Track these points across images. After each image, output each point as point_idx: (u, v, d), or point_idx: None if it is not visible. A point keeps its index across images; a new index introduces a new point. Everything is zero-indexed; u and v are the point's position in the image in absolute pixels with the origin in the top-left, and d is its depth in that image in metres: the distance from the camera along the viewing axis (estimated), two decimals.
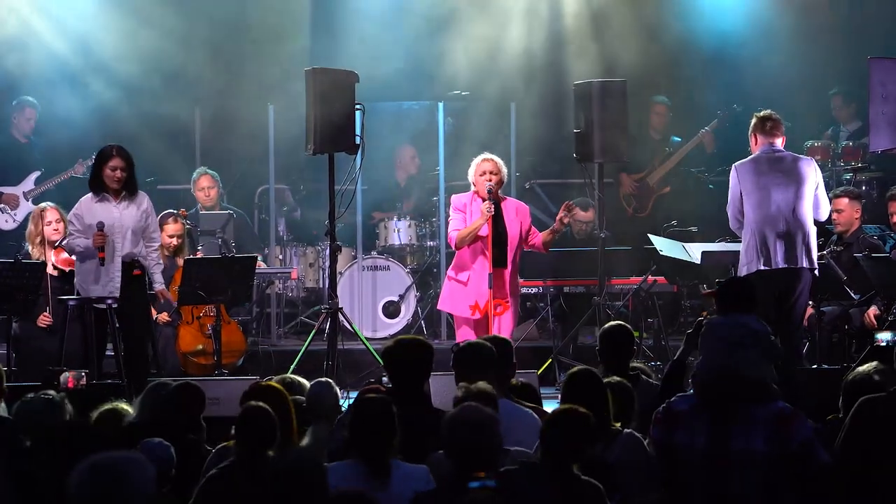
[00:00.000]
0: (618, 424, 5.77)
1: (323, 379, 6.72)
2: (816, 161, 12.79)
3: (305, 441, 6.23)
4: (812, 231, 9.32)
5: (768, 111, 9.60)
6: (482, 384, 5.89)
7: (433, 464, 5.37)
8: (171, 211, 11.07)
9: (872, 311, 10.03)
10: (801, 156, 9.57)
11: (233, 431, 5.50)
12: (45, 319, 10.09)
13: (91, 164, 10.00)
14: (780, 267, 9.19)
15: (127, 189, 9.60)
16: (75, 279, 9.60)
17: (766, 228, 9.23)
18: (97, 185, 9.56)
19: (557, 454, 5.05)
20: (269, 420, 5.46)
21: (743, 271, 9.35)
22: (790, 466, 5.08)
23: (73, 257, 9.67)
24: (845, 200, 10.81)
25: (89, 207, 9.55)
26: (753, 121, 9.53)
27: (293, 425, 5.85)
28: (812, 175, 9.37)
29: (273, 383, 6.20)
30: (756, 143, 9.45)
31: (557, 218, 9.85)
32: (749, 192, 9.28)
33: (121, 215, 9.52)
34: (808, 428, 5.20)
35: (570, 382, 5.89)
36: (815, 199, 9.35)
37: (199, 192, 12.02)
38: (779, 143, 9.43)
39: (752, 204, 9.27)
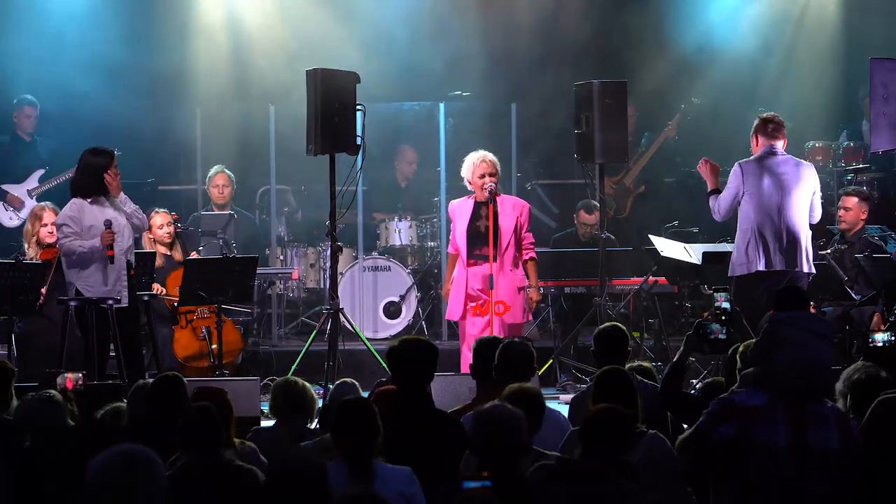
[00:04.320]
0: (643, 426, 5.73)
1: (348, 380, 6.73)
2: (817, 161, 12.91)
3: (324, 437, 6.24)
4: (809, 234, 9.35)
5: (771, 113, 9.61)
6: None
7: None
8: (154, 209, 11.00)
9: (878, 316, 10.02)
10: (801, 160, 9.59)
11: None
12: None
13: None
14: (779, 269, 9.19)
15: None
16: (75, 282, 9.53)
17: (767, 230, 9.23)
18: (94, 188, 9.55)
19: (598, 455, 5.01)
20: (213, 418, 5.45)
21: (738, 271, 9.35)
22: (853, 464, 5.10)
23: (73, 257, 9.57)
24: (854, 199, 10.83)
25: (84, 209, 9.51)
26: (756, 122, 9.53)
27: (231, 427, 5.85)
28: (812, 180, 9.42)
29: (216, 387, 6.17)
30: (757, 145, 9.45)
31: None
32: (751, 192, 9.29)
33: (116, 216, 9.53)
34: (857, 426, 5.22)
35: (601, 381, 5.83)
36: (811, 203, 9.38)
37: (214, 188, 12.08)
38: (780, 145, 9.44)
39: (753, 205, 9.28)
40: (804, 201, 9.34)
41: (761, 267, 9.21)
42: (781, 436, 5.06)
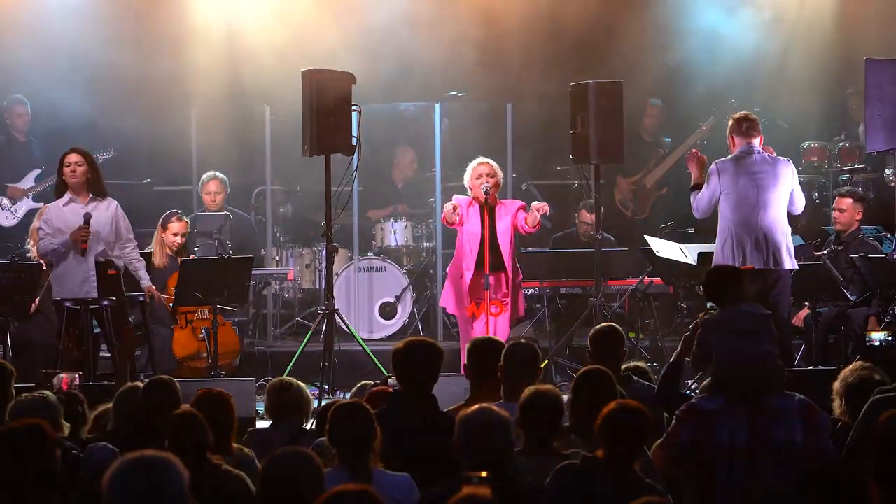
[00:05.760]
0: None
1: (368, 382, 6.72)
2: (813, 162, 12.92)
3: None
4: (788, 231, 9.35)
5: (744, 112, 9.64)
6: None
7: None
8: (175, 210, 11.07)
9: (874, 319, 10.03)
10: (778, 157, 9.58)
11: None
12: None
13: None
14: (757, 267, 9.20)
15: (93, 191, 9.65)
16: (51, 281, 9.65)
17: (744, 229, 9.25)
18: (62, 188, 9.68)
19: (621, 451, 4.97)
20: (197, 425, 5.44)
21: None
22: (820, 457, 5.10)
23: (48, 258, 9.69)
24: (849, 200, 10.83)
25: (58, 210, 9.65)
26: (730, 123, 9.56)
27: (232, 432, 5.82)
28: (789, 176, 9.41)
29: (220, 390, 6.15)
30: (734, 145, 9.48)
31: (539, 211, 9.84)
32: (728, 192, 9.31)
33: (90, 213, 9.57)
34: (826, 419, 5.21)
35: (581, 382, 5.83)
36: (791, 196, 9.38)
37: (206, 195, 12.09)
38: (756, 143, 9.46)
39: (730, 204, 9.30)
40: (782, 199, 9.33)
41: (737, 265, 9.21)
42: (741, 435, 5.08)
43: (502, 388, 6.36)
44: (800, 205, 9.48)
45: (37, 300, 10.02)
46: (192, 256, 11.00)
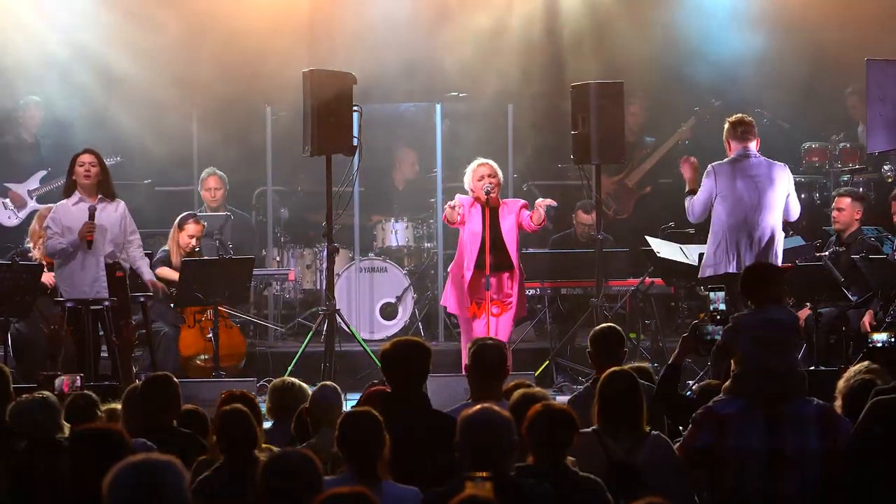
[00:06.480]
0: (648, 428, 5.73)
1: (328, 383, 6.70)
2: (814, 163, 12.91)
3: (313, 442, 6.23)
4: (781, 237, 9.39)
5: (740, 115, 9.66)
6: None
7: None
8: (192, 212, 11.06)
9: (868, 318, 10.02)
10: (774, 161, 9.60)
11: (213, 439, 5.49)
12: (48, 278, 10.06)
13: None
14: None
15: (103, 192, 9.65)
16: (59, 282, 9.64)
17: (739, 232, 9.29)
18: (71, 188, 9.68)
19: (547, 451, 5.03)
20: (248, 421, 5.47)
21: (708, 272, 9.42)
22: (838, 463, 5.11)
23: (54, 259, 9.70)
24: (848, 200, 10.83)
25: (67, 210, 9.65)
26: (726, 126, 9.59)
27: (261, 428, 5.84)
28: (785, 180, 9.45)
29: (243, 391, 6.16)
30: (731, 149, 9.52)
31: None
32: (724, 195, 9.35)
33: (98, 216, 9.57)
34: (848, 424, 5.22)
35: (607, 384, 5.82)
36: (786, 203, 9.40)
37: (206, 192, 12.09)
38: (753, 146, 9.49)
39: (725, 207, 9.34)
40: (778, 203, 9.38)
41: (731, 269, 9.24)
42: (755, 440, 5.08)
43: (470, 388, 6.38)
44: (795, 212, 9.52)
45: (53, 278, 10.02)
46: (205, 257, 11.00)
